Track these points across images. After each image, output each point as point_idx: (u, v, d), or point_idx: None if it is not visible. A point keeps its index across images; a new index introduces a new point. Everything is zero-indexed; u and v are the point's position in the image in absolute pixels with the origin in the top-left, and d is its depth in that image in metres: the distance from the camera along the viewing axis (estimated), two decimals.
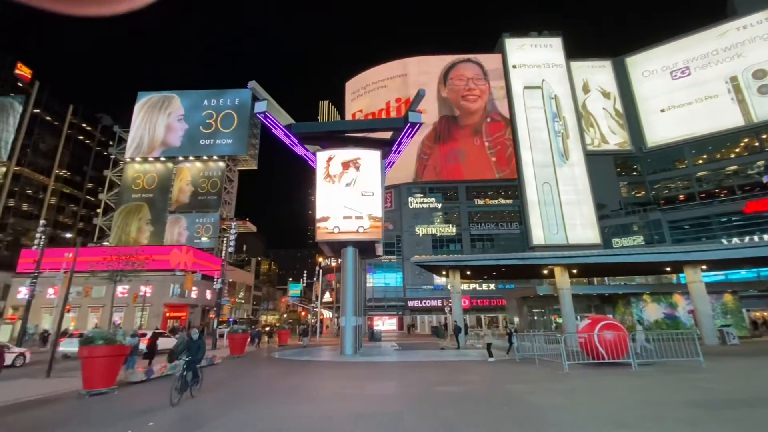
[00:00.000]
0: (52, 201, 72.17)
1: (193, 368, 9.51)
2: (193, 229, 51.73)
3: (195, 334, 10.15)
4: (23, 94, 68.74)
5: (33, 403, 9.40)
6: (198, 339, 9.94)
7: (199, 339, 9.99)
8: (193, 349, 9.64)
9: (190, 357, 9.44)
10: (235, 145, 55.28)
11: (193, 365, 9.51)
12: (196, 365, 9.64)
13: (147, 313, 41.93)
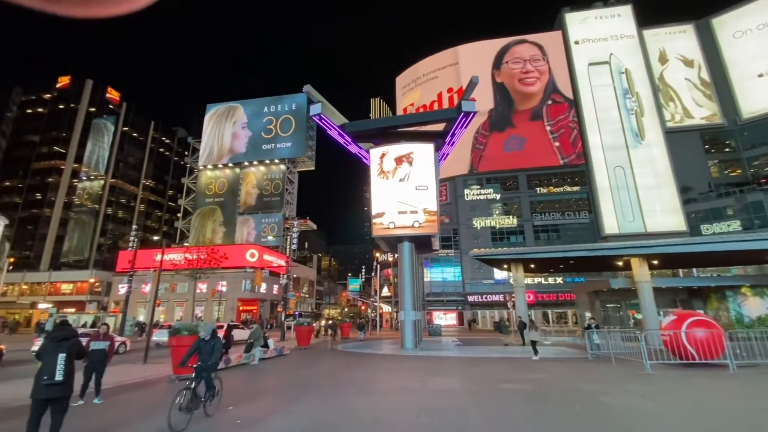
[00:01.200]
0: (141, 208, 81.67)
1: (205, 378, 7.31)
2: (260, 228, 55.32)
3: (206, 330, 7.86)
4: (114, 115, 78.39)
5: (133, 385, 10.69)
6: (210, 340, 7.67)
7: (212, 339, 7.70)
8: (204, 352, 7.45)
9: (200, 363, 7.35)
10: (293, 148, 57.99)
11: (205, 374, 7.31)
12: (209, 374, 7.40)
13: (223, 307, 45.77)
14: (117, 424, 6.82)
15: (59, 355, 5.23)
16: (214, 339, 7.74)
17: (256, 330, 15.84)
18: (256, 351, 15.02)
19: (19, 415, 6.51)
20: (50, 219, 68.34)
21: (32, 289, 57.93)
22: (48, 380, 5.09)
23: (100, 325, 9.88)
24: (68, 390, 5.37)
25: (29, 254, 65.40)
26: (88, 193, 72.88)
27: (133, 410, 8.03)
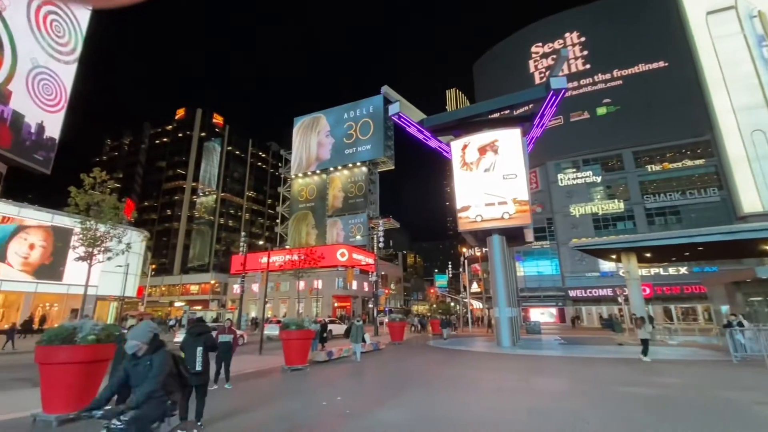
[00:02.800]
0: (246, 216, 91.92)
1: None
2: (347, 229, 58.09)
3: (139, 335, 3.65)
4: (219, 137, 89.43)
5: (253, 374, 11.94)
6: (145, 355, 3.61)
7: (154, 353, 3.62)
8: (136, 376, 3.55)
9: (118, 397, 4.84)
10: (373, 150, 59.63)
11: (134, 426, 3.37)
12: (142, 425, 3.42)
13: (320, 303, 49.06)
14: (245, 408, 7.63)
15: (197, 348, 6.06)
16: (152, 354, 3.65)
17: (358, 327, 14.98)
18: (357, 347, 14.83)
19: None
20: (178, 231, 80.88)
21: (169, 290, 69.23)
22: (191, 370, 5.92)
23: (225, 320, 11.23)
24: (206, 378, 6.24)
25: (165, 261, 78.22)
26: (204, 206, 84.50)
27: (256, 396, 8.93)
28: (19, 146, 29.67)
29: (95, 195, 16.30)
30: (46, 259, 31.83)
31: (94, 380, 6.81)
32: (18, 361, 15.23)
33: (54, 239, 32.34)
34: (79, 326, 6.78)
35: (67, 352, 6.47)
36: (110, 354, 6.68)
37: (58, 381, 6.52)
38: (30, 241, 30.99)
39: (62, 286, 32.22)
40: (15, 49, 29.03)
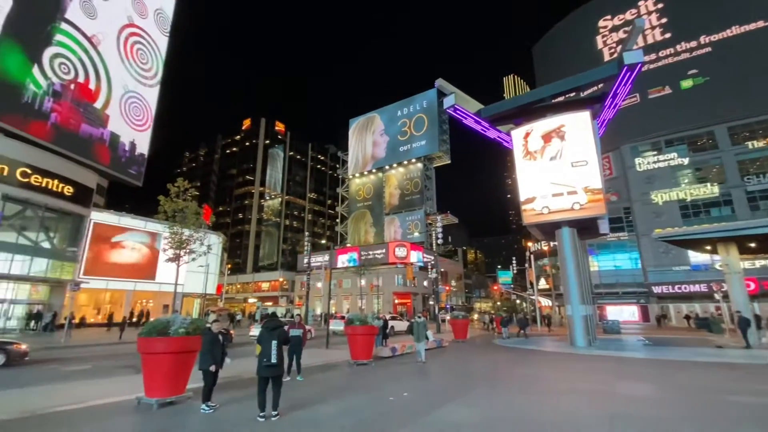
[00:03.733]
0: (309, 217, 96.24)
1: None
2: (405, 226, 58.21)
3: None
4: (282, 143, 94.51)
5: (322, 367, 12.42)
6: None
7: None
8: None
9: None
10: (428, 145, 58.99)
11: None
12: None
13: (381, 300, 49.77)
14: (316, 399, 7.94)
15: (272, 342, 6.41)
16: None
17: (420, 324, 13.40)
18: (420, 346, 13.27)
19: (248, 385, 8.27)
20: (249, 233, 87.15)
21: (243, 287, 74.89)
22: (267, 362, 6.34)
23: (295, 315, 11.81)
24: (281, 369, 6.60)
25: (239, 261, 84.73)
26: (271, 209, 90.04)
27: (326, 388, 9.26)
28: (117, 163, 34.00)
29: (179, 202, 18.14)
30: (142, 261, 36.12)
31: (185, 368, 7.53)
32: (123, 350, 17.44)
33: (147, 243, 36.59)
34: (172, 320, 7.53)
35: (163, 343, 7.22)
36: (198, 345, 7.31)
37: (156, 369, 7.30)
38: (129, 245, 35.36)
39: (155, 284, 36.35)
40: (110, 78, 33.24)
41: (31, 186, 26.26)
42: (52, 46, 28.59)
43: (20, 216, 26.83)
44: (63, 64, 29.29)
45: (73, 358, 14.95)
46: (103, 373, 11.45)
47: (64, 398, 7.93)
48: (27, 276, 26.34)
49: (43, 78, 27.79)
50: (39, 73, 27.52)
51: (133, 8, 36.28)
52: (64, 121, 29.14)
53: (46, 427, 6.14)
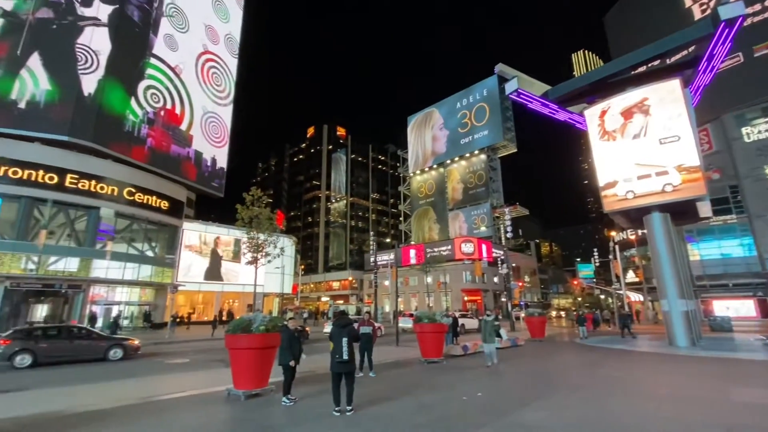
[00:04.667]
0: (373, 217, 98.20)
1: None
2: (470, 221, 56.55)
3: None
4: (343, 147, 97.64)
5: (393, 364, 12.48)
6: None
7: None
8: None
9: None
10: (491, 135, 56.60)
11: None
12: None
13: (449, 297, 48.94)
14: (389, 396, 7.97)
15: (343, 339, 6.55)
16: None
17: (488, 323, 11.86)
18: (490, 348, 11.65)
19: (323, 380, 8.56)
20: (318, 235, 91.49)
21: (316, 287, 78.80)
22: (339, 358, 6.51)
23: (364, 313, 12.03)
24: (353, 366, 6.71)
25: (311, 262, 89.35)
26: (337, 211, 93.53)
27: (398, 385, 9.26)
28: (202, 178, 37.80)
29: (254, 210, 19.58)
30: (226, 264, 39.75)
31: (267, 363, 8.05)
32: (215, 345, 19.28)
33: (231, 248, 40.18)
34: (253, 318, 8.10)
35: (246, 339, 7.79)
36: (277, 341, 7.77)
37: (241, 363, 7.91)
38: (215, 250, 39.14)
39: (239, 285, 39.77)
40: (192, 102, 37.05)
41: (135, 203, 30.33)
42: (144, 80, 32.68)
43: (129, 229, 31.14)
44: (154, 93, 33.33)
45: (174, 353, 16.90)
46: (198, 366, 12.75)
47: (167, 387, 8.98)
48: (137, 281, 30.44)
49: (139, 108, 31.88)
50: (136, 104, 31.63)
51: (206, 36, 40.05)
52: (157, 144, 33.15)
53: (154, 412, 6.96)
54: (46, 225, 25.80)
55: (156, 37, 34.20)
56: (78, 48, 28.50)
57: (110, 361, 13.95)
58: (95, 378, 10.60)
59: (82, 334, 14.42)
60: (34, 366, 12.48)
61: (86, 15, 29.42)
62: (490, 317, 12.30)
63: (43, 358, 12.80)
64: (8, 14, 27.34)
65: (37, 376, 11.14)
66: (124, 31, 31.21)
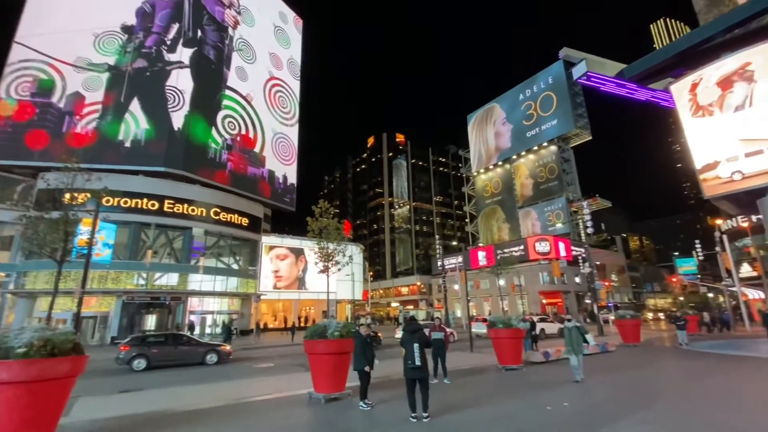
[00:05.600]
0: (437, 221, 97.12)
1: None
2: (544, 218, 53.12)
3: None
4: (403, 153, 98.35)
5: (468, 371, 12.08)
6: None
7: None
8: None
9: None
10: (560, 125, 52.86)
11: None
12: None
13: (526, 300, 46.28)
14: (467, 404, 7.70)
15: (414, 345, 6.49)
16: None
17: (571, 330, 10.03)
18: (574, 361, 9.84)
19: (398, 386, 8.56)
20: (384, 241, 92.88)
21: (385, 293, 79.82)
22: (411, 364, 6.46)
23: (434, 318, 11.86)
24: (426, 372, 6.61)
25: (379, 268, 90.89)
26: (401, 217, 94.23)
27: (475, 393, 8.92)
28: (275, 194, 40.68)
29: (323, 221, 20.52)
30: (302, 274, 42.09)
31: (343, 368, 8.29)
32: (295, 351, 20.39)
33: (304, 258, 42.52)
34: (328, 324, 8.42)
35: (323, 345, 8.12)
36: (351, 347, 7.98)
37: (319, 367, 8.25)
38: (291, 261, 41.71)
39: (314, 293, 41.81)
40: (263, 126, 40.18)
41: (220, 221, 33.59)
42: (222, 110, 36.26)
43: (216, 245, 34.55)
44: (230, 122, 36.80)
45: (260, 357, 18.23)
46: (282, 370, 13.59)
47: (256, 390, 9.69)
48: (225, 292, 33.56)
49: (219, 136, 35.40)
50: (216, 133, 35.17)
51: (271, 63, 43.31)
52: (236, 167, 36.45)
53: (246, 413, 7.54)
54: (151, 246, 29.71)
55: (229, 71, 37.82)
56: (167, 89, 32.62)
57: (207, 365, 15.49)
58: (195, 380, 11.83)
59: (184, 340, 16.23)
60: (147, 369, 14.32)
61: (172, 60, 33.60)
62: (571, 323, 10.41)
63: (155, 362, 14.64)
64: (112, 68, 32.29)
65: (150, 377, 12.76)
66: (203, 70, 35.02)
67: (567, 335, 10.12)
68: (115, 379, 12.58)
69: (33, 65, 30.78)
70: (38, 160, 28.56)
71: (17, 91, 30.00)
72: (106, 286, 27.28)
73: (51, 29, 31.57)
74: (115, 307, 27.63)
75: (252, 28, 41.24)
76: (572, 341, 9.92)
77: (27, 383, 4.88)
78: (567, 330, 10.20)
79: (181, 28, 34.57)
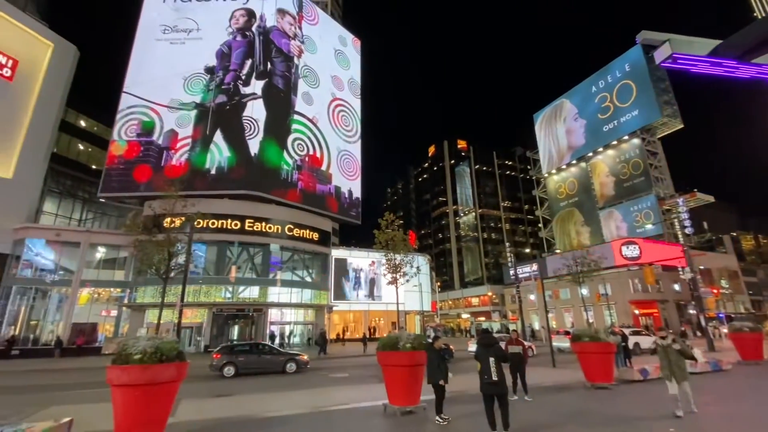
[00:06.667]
0: (506, 227, 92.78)
1: None
2: (630, 219, 48.03)
3: None
4: (466, 159, 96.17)
5: (551, 388, 11.17)
6: None
7: None
8: None
9: None
10: (643, 114, 47.76)
11: None
12: None
13: (614, 311, 41.88)
14: (554, 423, 7.11)
15: (490, 359, 6.19)
16: None
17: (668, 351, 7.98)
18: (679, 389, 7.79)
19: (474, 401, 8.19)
20: (451, 251, 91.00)
21: (455, 303, 77.78)
22: (488, 379, 6.15)
23: (510, 331, 11.24)
24: (504, 387, 6.25)
25: (446, 278, 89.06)
26: (467, 225, 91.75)
27: (561, 412, 8.20)
28: (342, 209, 42.26)
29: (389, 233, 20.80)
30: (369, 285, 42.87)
31: (416, 380, 8.18)
32: (367, 361, 20.68)
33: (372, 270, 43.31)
34: (399, 336, 8.42)
35: (396, 356, 8.12)
36: (423, 359, 7.86)
37: (393, 379, 8.25)
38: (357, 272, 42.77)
39: (382, 304, 42.27)
40: (328, 145, 42.23)
41: (294, 237, 35.75)
42: (291, 134, 38.89)
43: (291, 260, 36.75)
44: (299, 144, 39.28)
45: (335, 367, 18.80)
46: (356, 381, 13.85)
47: (333, 399, 9.98)
48: (301, 303, 35.40)
49: (290, 158, 37.93)
50: (287, 155, 37.76)
51: (333, 86, 45.60)
52: (306, 186, 38.68)
53: (325, 421, 7.79)
54: (235, 261, 32.57)
55: (296, 97, 40.58)
56: (244, 119, 35.93)
57: (287, 373, 16.37)
58: (277, 387, 12.56)
59: (266, 350, 17.38)
60: (235, 376, 15.55)
61: (247, 92, 37.02)
62: (665, 340, 8.12)
63: (242, 369, 15.86)
64: (199, 105, 36.47)
65: (239, 384, 13.83)
66: (273, 99, 38.03)
67: (662, 356, 8.07)
68: (209, 384, 13.87)
69: (137, 110, 36.03)
70: (143, 190, 33.14)
71: (126, 133, 35.28)
72: (199, 299, 30.38)
73: (149, 78, 36.78)
74: (206, 318, 30.66)
75: (315, 54, 43.94)
76: (670, 364, 7.84)
77: (142, 386, 5.58)
78: (662, 349, 8.09)
79: (253, 63, 38.06)
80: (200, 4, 39.76)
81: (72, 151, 39.30)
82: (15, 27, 32.29)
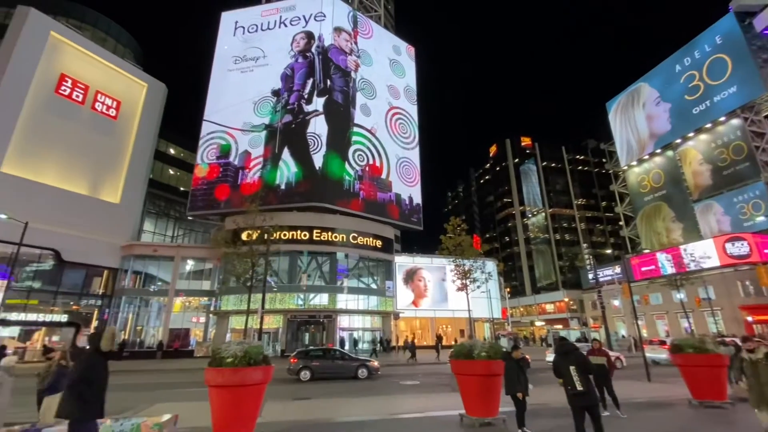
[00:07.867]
0: (581, 226, 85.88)
1: None
2: (734, 211, 41.72)
3: None
4: (531, 157, 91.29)
5: (648, 404, 9.99)
6: None
7: None
8: None
9: None
10: (743, 91, 41.42)
11: None
12: None
13: (719, 318, 36.51)
14: None
15: (570, 368, 5.70)
16: None
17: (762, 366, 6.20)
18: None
19: (559, 415, 7.61)
20: (519, 254, 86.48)
21: (527, 310, 73.54)
22: (572, 390, 5.66)
23: (592, 340, 10.31)
24: (593, 398, 5.71)
25: (516, 284, 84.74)
26: (536, 226, 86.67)
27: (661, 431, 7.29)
28: (403, 216, 42.45)
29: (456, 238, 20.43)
30: (436, 291, 42.33)
31: (494, 391, 7.83)
32: (439, 369, 20.32)
33: (437, 276, 42.76)
34: (474, 344, 8.16)
35: (470, 365, 7.87)
36: (500, 369, 7.50)
37: (469, 389, 7.99)
38: (424, 279, 42.47)
39: (449, 311, 41.39)
40: (387, 154, 42.87)
41: (358, 245, 36.68)
42: (352, 146, 40.19)
43: (356, 267, 37.70)
44: (360, 154, 40.43)
45: (405, 374, 18.75)
46: (428, 389, 13.67)
47: (407, 406, 9.95)
48: (368, 310, 36.05)
49: (351, 169, 39.17)
50: (348, 166, 39.05)
51: (389, 95, 46.35)
52: (367, 195, 39.59)
53: (402, 429, 7.76)
54: (305, 270, 34.28)
55: (355, 110, 41.94)
56: (308, 135, 37.97)
57: (359, 379, 16.70)
58: (351, 392, 12.85)
59: (338, 355, 17.93)
60: (311, 380, 16.24)
61: (310, 110, 39.13)
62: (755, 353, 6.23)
63: (317, 374, 16.52)
64: (268, 126, 39.33)
65: (315, 388, 14.41)
66: (333, 113, 39.73)
67: (750, 373, 6.15)
68: (288, 387, 14.65)
69: (216, 135, 39.92)
70: (223, 208, 36.51)
71: (207, 156, 39.23)
72: (275, 306, 32.40)
73: (225, 105, 40.65)
74: (282, 324, 32.59)
75: (370, 67, 45.13)
76: (761, 386, 5.90)
77: (234, 387, 6.07)
78: (750, 364, 6.18)
79: (314, 81, 40.20)
80: (265, 33, 43.10)
81: (164, 176, 44.75)
82: (117, 72, 37.83)
